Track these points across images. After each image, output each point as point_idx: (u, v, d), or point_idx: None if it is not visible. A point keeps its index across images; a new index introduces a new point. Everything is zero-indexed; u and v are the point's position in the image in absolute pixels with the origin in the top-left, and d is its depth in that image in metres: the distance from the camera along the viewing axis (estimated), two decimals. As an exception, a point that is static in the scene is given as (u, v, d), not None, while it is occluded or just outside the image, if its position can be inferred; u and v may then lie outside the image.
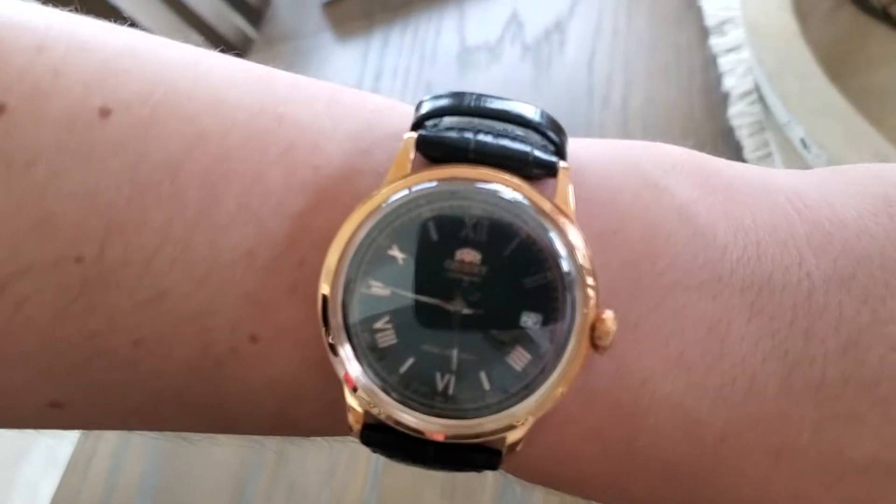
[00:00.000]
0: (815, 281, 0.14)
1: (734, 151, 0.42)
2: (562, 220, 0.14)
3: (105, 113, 0.14)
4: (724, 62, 0.44)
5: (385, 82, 0.57)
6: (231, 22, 0.75)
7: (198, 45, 0.16)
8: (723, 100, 0.44)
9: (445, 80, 0.55)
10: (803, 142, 0.32)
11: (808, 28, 0.35)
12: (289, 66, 0.17)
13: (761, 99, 0.38)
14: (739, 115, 0.42)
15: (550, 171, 0.14)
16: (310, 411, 0.15)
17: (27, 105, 0.14)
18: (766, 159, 0.40)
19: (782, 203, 0.15)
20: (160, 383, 0.15)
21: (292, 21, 0.68)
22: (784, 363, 0.14)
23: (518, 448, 0.14)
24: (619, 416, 0.14)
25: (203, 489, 0.41)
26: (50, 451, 1.12)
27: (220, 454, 0.42)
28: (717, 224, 0.15)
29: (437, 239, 0.14)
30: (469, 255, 0.14)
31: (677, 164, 0.16)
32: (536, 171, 0.14)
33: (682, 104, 0.45)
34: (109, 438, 0.45)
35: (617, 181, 0.15)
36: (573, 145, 0.16)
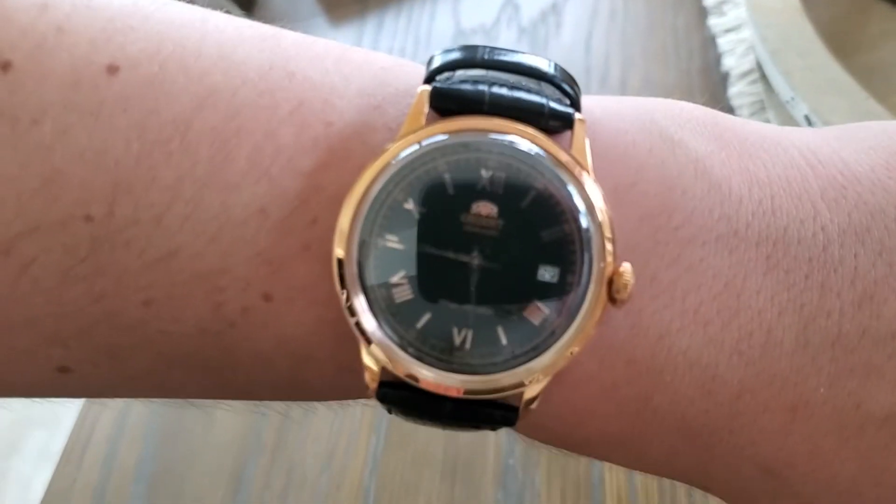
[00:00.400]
0: (829, 234, 0.14)
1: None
2: (578, 172, 0.14)
3: (112, 70, 0.14)
4: (724, 42, 0.44)
5: (381, 66, 0.57)
6: (223, 7, 0.74)
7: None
8: (722, 80, 0.44)
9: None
10: (807, 118, 0.32)
11: (809, 6, 0.35)
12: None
13: (762, 78, 0.38)
14: (739, 94, 0.42)
15: (566, 122, 0.14)
16: (322, 372, 0.15)
17: (31, 63, 0.13)
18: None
19: (796, 158, 0.15)
20: (170, 346, 0.14)
21: (285, 6, 0.68)
22: (800, 317, 0.14)
23: (534, 405, 0.14)
24: (635, 372, 0.14)
25: (200, 474, 0.41)
26: (43, 443, 1.12)
27: (217, 438, 0.42)
28: (731, 178, 0.15)
29: (452, 192, 0.14)
30: (485, 208, 0.13)
31: (691, 118, 0.16)
32: (552, 124, 0.14)
33: (681, 84, 0.45)
34: (105, 424, 0.44)
35: (632, 136, 0.15)
36: (587, 101, 0.15)
